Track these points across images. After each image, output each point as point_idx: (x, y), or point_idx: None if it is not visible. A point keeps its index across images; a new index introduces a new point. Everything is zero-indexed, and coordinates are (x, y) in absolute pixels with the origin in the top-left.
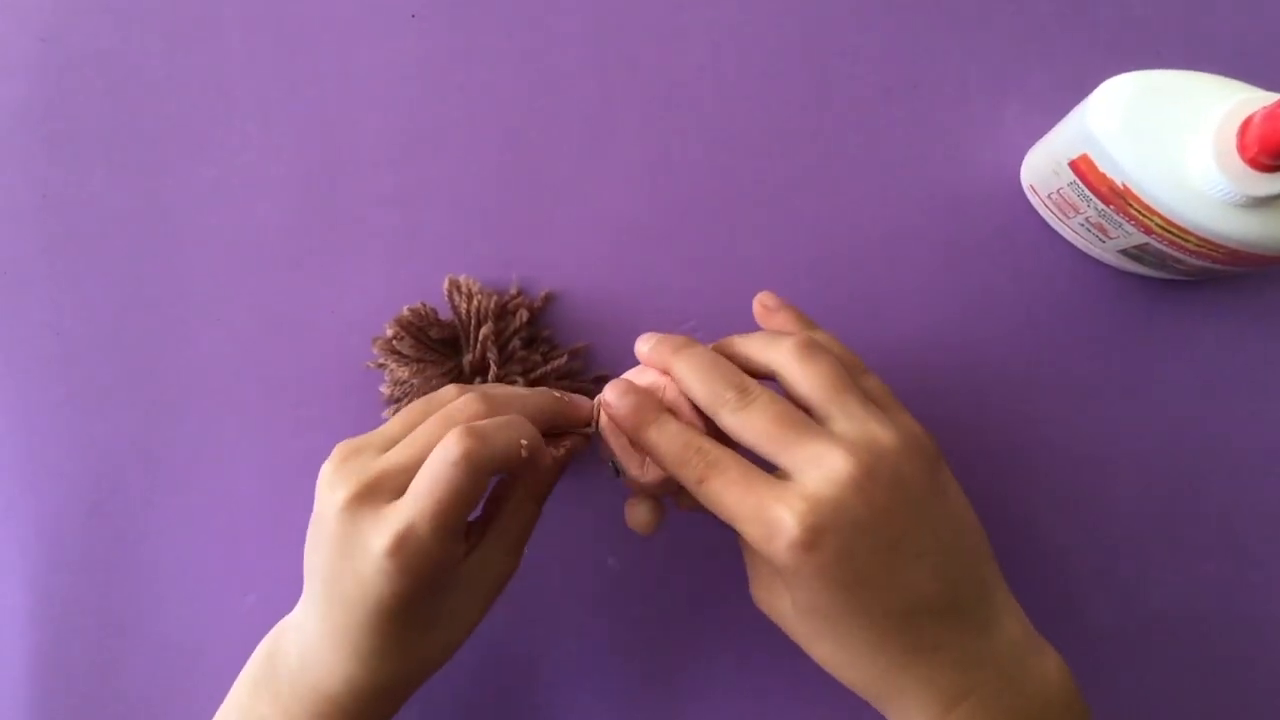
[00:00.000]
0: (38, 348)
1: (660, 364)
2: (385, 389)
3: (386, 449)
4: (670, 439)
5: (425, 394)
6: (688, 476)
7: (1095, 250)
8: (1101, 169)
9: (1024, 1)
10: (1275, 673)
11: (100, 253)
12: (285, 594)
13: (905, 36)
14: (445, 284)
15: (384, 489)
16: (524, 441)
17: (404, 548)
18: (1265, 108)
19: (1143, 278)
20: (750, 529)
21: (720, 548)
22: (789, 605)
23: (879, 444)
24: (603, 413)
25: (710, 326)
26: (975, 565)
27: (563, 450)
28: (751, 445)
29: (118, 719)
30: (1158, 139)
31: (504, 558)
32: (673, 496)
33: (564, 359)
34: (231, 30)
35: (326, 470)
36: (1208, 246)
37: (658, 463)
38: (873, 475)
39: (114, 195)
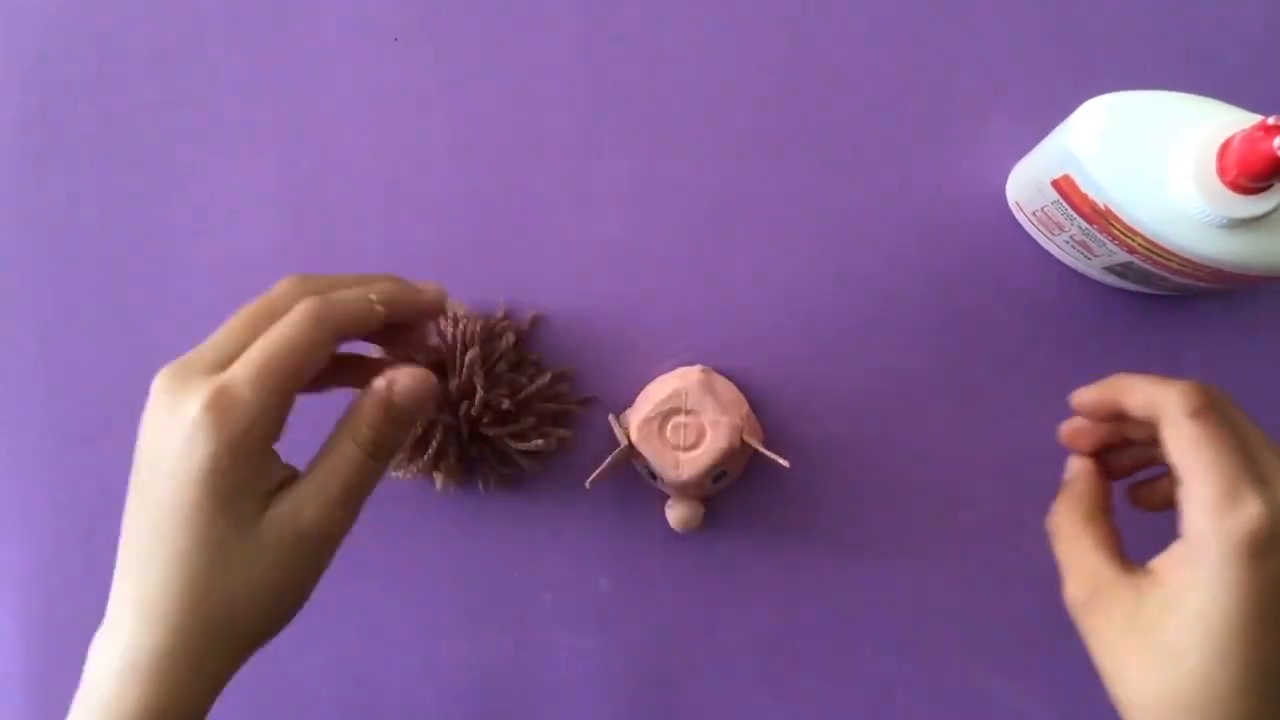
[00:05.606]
0: (27, 375)
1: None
2: None
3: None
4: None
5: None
6: (1184, 404)
7: (1082, 266)
8: (1083, 189)
9: (1008, 17)
10: None
11: (88, 281)
12: None
13: (889, 53)
14: None
15: (205, 362)
16: (373, 296)
17: (220, 400)
18: (1244, 130)
19: (1130, 293)
20: (1209, 489)
21: (712, 568)
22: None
23: None
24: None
25: (699, 348)
26: None
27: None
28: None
29: None
30: (1138, 160)
31: (320, 508)
32: (700, 494)
33: (547, 380)
34: (218, 56)
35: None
36: (1190, 266)
37: (1136, 403)
38: None
39: (101, 222)
